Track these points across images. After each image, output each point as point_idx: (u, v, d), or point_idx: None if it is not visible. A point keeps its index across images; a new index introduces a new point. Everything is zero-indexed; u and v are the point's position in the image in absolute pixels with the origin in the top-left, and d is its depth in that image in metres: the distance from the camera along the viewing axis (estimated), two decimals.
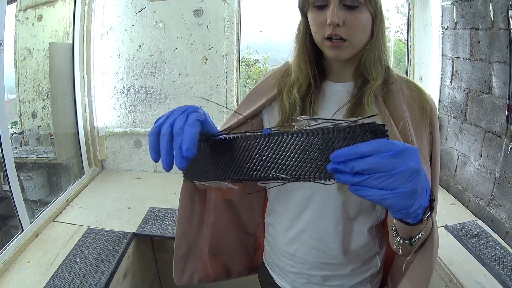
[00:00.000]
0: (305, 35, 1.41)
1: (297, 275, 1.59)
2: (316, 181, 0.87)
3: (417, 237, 1.09)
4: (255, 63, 4.73)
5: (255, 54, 4.63)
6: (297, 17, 1.44)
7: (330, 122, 0.83)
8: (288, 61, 1.55)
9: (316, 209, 1.38)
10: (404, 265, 1.28)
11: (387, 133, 0.80)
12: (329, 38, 1.28)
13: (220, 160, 1.04)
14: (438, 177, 1.42)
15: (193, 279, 1.85)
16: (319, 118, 0.86)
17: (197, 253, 1.80)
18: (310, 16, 1.33)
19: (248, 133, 0.97)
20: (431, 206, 1.00)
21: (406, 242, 1.12)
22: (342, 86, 1.45)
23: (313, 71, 1.44)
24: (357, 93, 1.39)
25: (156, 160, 0.99)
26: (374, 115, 0.84)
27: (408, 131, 1.31)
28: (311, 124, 0.87)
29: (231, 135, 1.00)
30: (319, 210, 1.43)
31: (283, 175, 0.90)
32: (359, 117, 0.81)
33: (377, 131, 0.79)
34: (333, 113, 1.39)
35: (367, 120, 0.80)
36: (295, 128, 0.89)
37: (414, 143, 1.30)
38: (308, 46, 1.42)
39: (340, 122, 0.82)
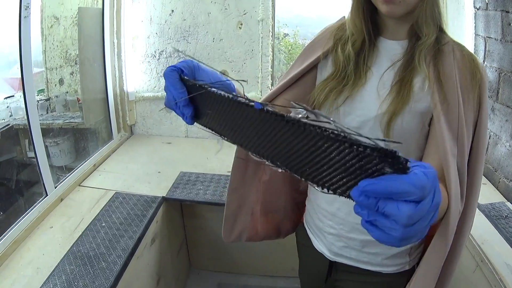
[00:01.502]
0: None
1: (336, 237, 1.51)
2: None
3: None
4: (284, 37, 4.69)
5: (285, 27, 4.58)
6: None
7: (336, 126, 0.58)
8: (344, 16, 1.46)
9: None
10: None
11: (408, 170, 0.57)
12: None
13: (215, 113, 0.88)
14: (485, 147, 1.31)
15: (242, 237, 1.81)
16: (322, 115, 0.64)
17: (248, 211, 1.76)
18: None
19: (237, 98, 0.77)
20: None
21: None
22: (396, 44, 1.37)
23: (367, 27, 1.36)
24: (409, 51, 1.32)
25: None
26: (396, 142, 0.59)
27: (456, 92, 1.24)
28: (310, 118, 0.65)
29: (219, 92, 0.81)
30: None
31: (278, 163, 0.77)
32: (372, 140, 0.55)
33: (395, 164, 0.55)
34: (385, 69, 1.33)
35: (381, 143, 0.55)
36: (291, 114, 0.67)
37: (461, 104, 1.23)
38: (363, 2, 1.33)
39: (347, 132, 0.56)
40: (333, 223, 1.49)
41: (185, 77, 0.92)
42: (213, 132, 0.94)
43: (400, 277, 1.49)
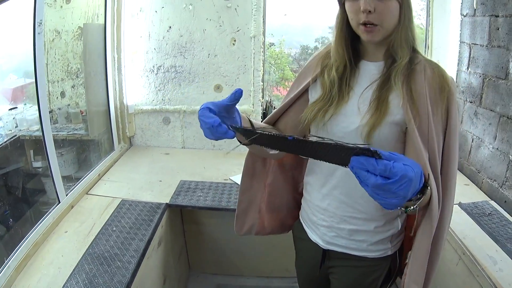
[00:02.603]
0: (343, 22, 1.57)
1: (328, 228, 1.76)
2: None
3: (411, 207, 1.23)
4: (270, 46, 4.75)
5: (271, 37, 4.64)
6: (318, 4, 1.69)
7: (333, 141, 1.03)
8: (331, 42, 1.69)
9: (347, 168, 1.39)
10: (413, 230, 1.55)
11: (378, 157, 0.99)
12: (364, 24, 1.44)
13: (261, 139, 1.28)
14: (456, 150, 1.55)
15: (251, 231, 2.08)
16: (322, 138, 1.08)
17: (256, 209, 2.03)
18: (347, 5, 1.49)
19: (278, 135, 1.22)
20: (425, 186, 1.21)
21: (403, 209, 1.25)
22: (374, 65, 1.61)
23: (348, 53, 1.61)
24: (386, 71, 1.56)
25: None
26: (366, 144, 1.00)
27: (426, 106, 1.47)
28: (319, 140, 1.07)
29: (271, 133, 1.22)
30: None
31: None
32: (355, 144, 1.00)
33: (368, 154, 0.99)
34: (365, 88, 1.58)
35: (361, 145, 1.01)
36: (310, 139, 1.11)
37: (430, 116, 1.46)
38: (345, 32, 1.58)
39: (340, 142, 1.02)
40: (325, 216, 1.74)
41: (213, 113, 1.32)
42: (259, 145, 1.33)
43: (383, 261, 1.74)
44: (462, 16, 3.34)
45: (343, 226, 1.71)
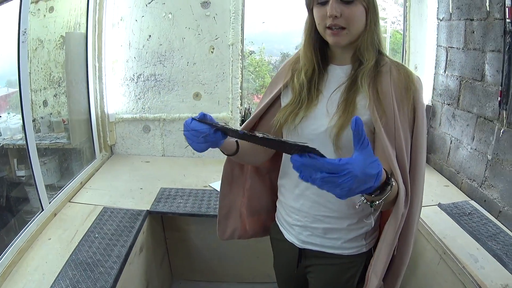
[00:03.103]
0: (311, 28, 1.65)
1: (302, 228, 1.82)
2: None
3: (377, 202, 1.31)
4: (250, 54, 4.75)
5: (251, 45, 4.63)
6: (292, 11, 1.71)
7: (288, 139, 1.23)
8: (301, 49, 1.76)
9: None
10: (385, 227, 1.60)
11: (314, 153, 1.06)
12: (330, 27, 1.51)
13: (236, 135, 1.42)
14: (423, 147, 1.62)
15: (234, 235, 2.16)
16: (266, 134, 1.21)
17: (236, 213, 2.13)
18: (314, 11, 1.56)
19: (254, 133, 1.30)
20: (386, 183, 1.28)
21: (368, 203, 1.33)
22: (341, 69, 1.69)
23: (317, 57, 1.69)
24: (353, 74, 1.63)
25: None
26: (305, 143, 1.06)
27: (392, 106, 1.54)
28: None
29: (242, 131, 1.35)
30: None
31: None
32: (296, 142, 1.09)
33: (306, 151, 1.06)
34: (333, 91, 1.67)
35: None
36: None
37: (397, 115, 1.53)
38: (314, 37, 1.66)
39: (284, 140, 1.17)
40: (299, 216, 1.81)
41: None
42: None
43: (359, 258, 1.80)
44: (439, 20, 3.44)
45: (317, 225, 1.76)
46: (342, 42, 1.55)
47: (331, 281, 1.87)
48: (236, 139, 1.72)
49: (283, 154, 1.91)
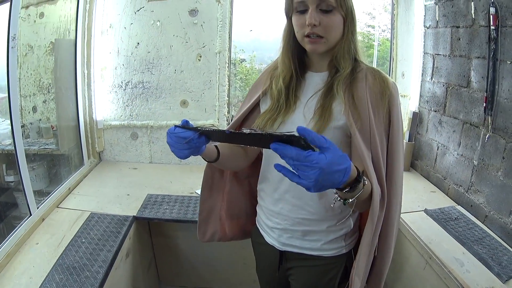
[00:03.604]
0: (290, 35, 1.72)
1: (282, 231, 1.88)
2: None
3: (350, 200, 1.36)
4: (241, 62, 4.81)
5: (242, 53, 4.69)
6: (283, 19, 1.75)
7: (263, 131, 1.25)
8: (279, 56, 1.83)
9: None
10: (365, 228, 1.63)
11: (303, 143, 1.15)
12: (308, 36, 1.58)
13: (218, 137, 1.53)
14: (400, 149, 1.68)
15: (214, 238, 2.23)
16: (254, 129, 1.27)
17: (216, 216, 2.19)
18: (293, 19, 1.63)
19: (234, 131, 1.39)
20: (357, 180, 1.32)
21: (341, 201, 1.38)
22: (319, 76, 1.76)
23: (294, 64, 1.76)
24: (329, 81, 1.70)
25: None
26: (292, 132, 1.15)
27: (367, 110, 1.59)
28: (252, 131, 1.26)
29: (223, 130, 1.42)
30: None
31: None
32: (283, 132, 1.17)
33: (293, 141, 1.15)
34: (310, 97, 1.72)
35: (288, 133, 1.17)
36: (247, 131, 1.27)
37: (372, 119, 1.59)
38: (292, 44, 1.73)
39: (271, 132, 1.21)
40: (279, 220, 1.86)
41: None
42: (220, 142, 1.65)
43: (339, 259, 1.85)
44: (425, 28, 3.51)
45: (297, 228, 1.82)
46: (319, 50, 1.61)
47: (312, 283, 1.91)
48: (215, 145, 1.79)
49: (263, 159, 1.96)
